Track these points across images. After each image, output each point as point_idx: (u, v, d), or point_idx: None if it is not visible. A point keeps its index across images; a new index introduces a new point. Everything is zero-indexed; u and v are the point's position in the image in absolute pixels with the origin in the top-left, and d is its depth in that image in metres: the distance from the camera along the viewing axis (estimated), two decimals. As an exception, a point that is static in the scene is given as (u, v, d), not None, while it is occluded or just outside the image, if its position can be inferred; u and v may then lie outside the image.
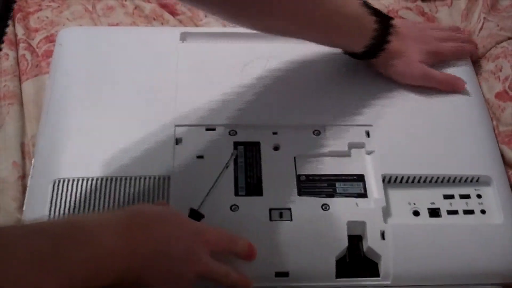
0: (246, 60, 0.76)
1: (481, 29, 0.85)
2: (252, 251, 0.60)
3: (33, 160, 0.70)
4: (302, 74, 0.76)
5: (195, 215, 0.64)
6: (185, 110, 0.71)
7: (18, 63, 0.83)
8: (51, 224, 0.54)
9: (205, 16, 0.90)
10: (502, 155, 0.73)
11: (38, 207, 0.64)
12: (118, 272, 0.51)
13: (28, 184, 0.69)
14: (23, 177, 0.72)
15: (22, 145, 0.75)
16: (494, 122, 0.76)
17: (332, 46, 0.75)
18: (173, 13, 0.90)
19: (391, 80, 0.76)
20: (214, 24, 0.90)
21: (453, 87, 0.76)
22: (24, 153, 0.74)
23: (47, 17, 0.89)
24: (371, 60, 0.75)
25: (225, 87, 0.74)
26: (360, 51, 0.73)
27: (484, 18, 0.85)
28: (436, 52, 0.78)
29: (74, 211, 0.64)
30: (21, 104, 0.79)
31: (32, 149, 0.74)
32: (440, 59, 0.78)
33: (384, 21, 0.73)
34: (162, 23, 0.89)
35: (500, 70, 0.80)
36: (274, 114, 0.71)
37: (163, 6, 0.91)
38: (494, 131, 0.75)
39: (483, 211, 0.67)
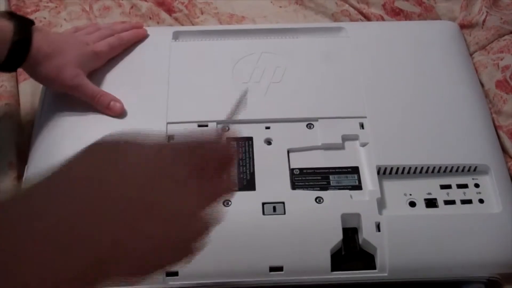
0: (238, 56, 0.76)
1: (484, 21, 0.84)
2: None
3: (28, 161, 0.70)
4: (294, 67, 0.75)
5: None
6: (177, 107, 0.71)
7: (15, 64, 0.84)
8: None
9: (201, 14, 0.90)
10: (502, 145, 0.72)
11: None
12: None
13: (22, 186, 0.69)
14: (19, 178, 0.72)
15: (18, 146, 0.75)
16: (494, 115, 0.75)
17: None
18: (170, 10, 0.90)
19: (382, 70, 0.74)
20: (210, 21, 0.90)
21: (102, 108, 0.71)
22: (20, 154, 0.74)
23: (44, 18, 0.89)
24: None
25: (217, 83, 0.74)
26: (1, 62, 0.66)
27: (487, 12, 0.84)
28: (95, 53, 0.73)
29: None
30: (18, 104, 0.79)
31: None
32: (104, 58, 0.75)
33: (23, 25, 0.67)
34: (158, 22, 0.89)
35: (501, 60, 0.80)
36: (266, 108, 0.71)
37: (160, 4, 0.91)
38: (494, 121, 0.74)
39: (481, 201, 0.66)
